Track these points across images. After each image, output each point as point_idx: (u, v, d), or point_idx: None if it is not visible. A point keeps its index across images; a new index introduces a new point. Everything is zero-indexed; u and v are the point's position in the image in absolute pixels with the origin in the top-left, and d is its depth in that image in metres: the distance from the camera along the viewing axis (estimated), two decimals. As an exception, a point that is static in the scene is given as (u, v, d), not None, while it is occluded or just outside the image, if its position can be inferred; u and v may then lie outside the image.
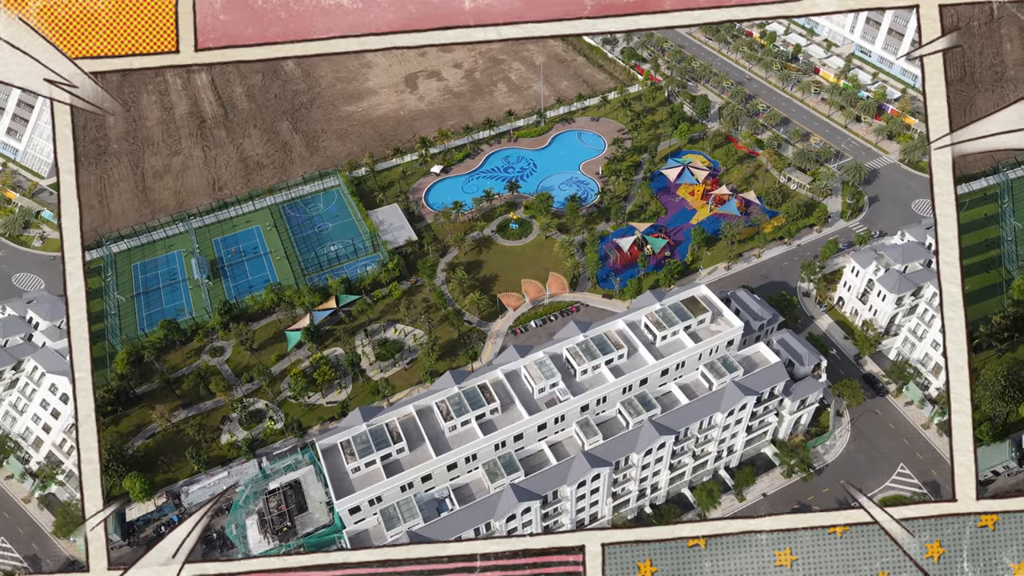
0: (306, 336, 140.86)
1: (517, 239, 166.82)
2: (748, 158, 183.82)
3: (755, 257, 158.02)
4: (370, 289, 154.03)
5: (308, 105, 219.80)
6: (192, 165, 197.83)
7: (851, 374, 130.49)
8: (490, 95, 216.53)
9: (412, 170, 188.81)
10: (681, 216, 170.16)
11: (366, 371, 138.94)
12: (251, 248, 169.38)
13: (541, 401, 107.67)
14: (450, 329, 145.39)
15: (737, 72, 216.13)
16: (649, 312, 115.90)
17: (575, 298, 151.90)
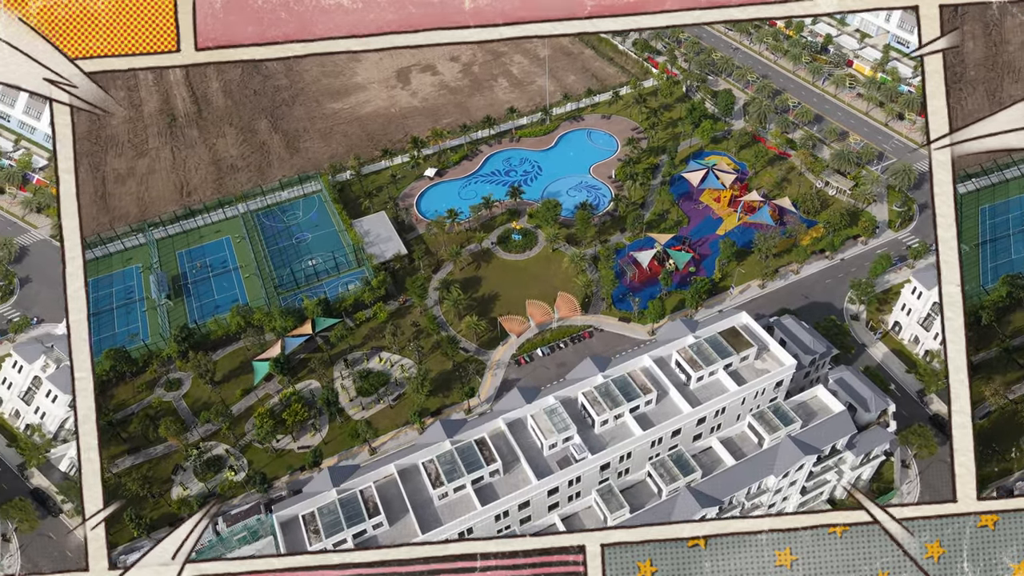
0: (275, 368, 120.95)
1: (520, 252, 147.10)
2: (779, 160, 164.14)
3: (793, 273, 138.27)
4: (352, 311, 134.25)
5: (290, 102, 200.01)
6: (159, 168, 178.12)
7: (916, 415, 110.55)
8: (490, 91, 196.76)
9: (403, 173, 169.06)
10: (706, 226, 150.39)
11: (345, 409, 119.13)
12: (219, 262, 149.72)
13: (552, 459, 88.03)
14: (443, 359, 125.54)
15: (761, 65, 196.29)
16: (681, 347, 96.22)
17: (588, 321, 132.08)
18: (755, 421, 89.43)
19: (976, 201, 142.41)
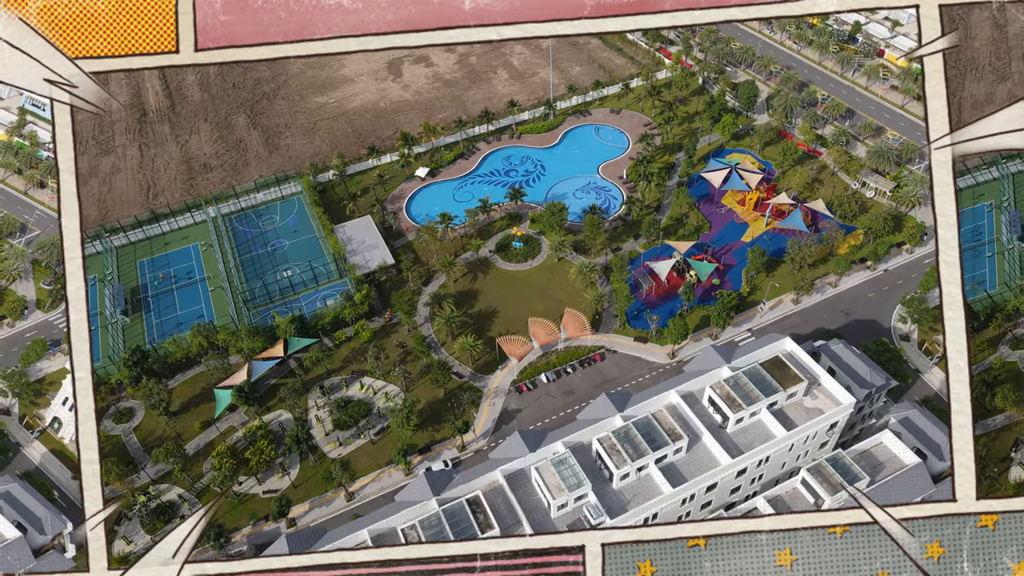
0: (238, 397, 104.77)
1: (522, 262, 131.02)
2: (808, 158, 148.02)
3: (830, 287, 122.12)
4: (330, 329, 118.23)
5: (271, 96, 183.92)
6: (125, 167, 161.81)
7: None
8: (488, 83, 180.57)
9: (391, 173, 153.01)
10: (730, 232, 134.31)
11: (319, 445, 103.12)
12: (185, 273, 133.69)
13: (561, 522, 72.05)
14: (433, 386, 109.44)
15: (784, 55, 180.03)
16: (716, 381, 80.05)
17: (599, 341, 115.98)
18: (811, 477, 73.13)
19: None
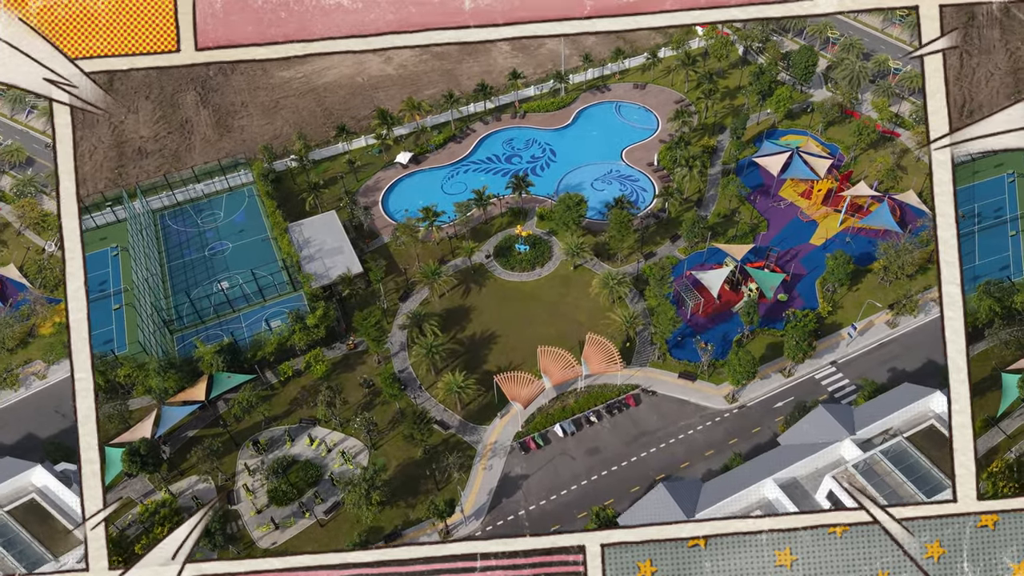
0: (130, 461, 75.07)
1: (528, 271, 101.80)
2: (884, 140, 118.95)
3: (934, 303, 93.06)
4: (274, 361, 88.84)
5: (228, 70, 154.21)
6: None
7: None
8: (486, 54, 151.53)
9: (366, 160, 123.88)
10: (794, 232, 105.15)
11: (247, 527, 73.73)
12: (96, 284, 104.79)
13: None
14: (408, 443, 79.95)
15: (837, 23, 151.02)
16: (841, 469, 50.69)
17: (632, 379, 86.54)
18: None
19: None
